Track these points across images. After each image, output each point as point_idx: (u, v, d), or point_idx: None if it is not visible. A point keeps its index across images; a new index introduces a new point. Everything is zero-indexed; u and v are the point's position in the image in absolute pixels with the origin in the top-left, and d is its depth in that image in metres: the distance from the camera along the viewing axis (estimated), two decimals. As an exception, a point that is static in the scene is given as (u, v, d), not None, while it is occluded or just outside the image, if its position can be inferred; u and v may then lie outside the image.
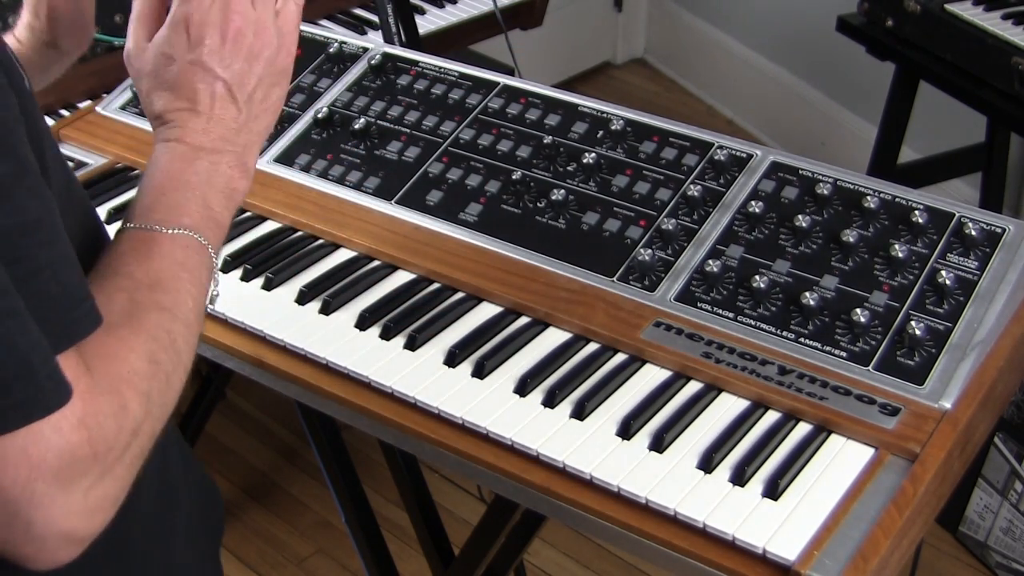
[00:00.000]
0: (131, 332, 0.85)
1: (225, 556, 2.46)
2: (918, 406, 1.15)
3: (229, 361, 1.35)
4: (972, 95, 2.26)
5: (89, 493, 0.78)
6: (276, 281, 1.39)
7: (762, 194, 1.36)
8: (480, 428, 1.17)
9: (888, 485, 1.08)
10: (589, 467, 1.11)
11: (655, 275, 1.31)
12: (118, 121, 1.71)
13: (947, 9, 2.27)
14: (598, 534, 1.12)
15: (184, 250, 0.93)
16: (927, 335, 1.19)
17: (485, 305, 1.35)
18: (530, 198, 1.43)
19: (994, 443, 2.27)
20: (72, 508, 0.77)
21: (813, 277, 1.27)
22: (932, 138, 3.01)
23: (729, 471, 1.10)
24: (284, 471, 2.69)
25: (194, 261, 0.94)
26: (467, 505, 2.50)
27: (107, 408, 0.80)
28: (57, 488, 0.76)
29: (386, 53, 1.67)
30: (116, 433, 0.80)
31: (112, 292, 0.87)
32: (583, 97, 1.53)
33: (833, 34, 2.58)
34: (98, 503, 0.79)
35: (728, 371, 1.20)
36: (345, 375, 1.26)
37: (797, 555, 1.01)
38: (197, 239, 0.94)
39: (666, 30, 4.31)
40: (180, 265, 0.92)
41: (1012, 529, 2.27)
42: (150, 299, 0.89)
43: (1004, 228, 1.28)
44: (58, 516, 0.76)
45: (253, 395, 2.87)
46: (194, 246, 0.94)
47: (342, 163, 1.54)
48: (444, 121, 1.55)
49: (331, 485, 1.94)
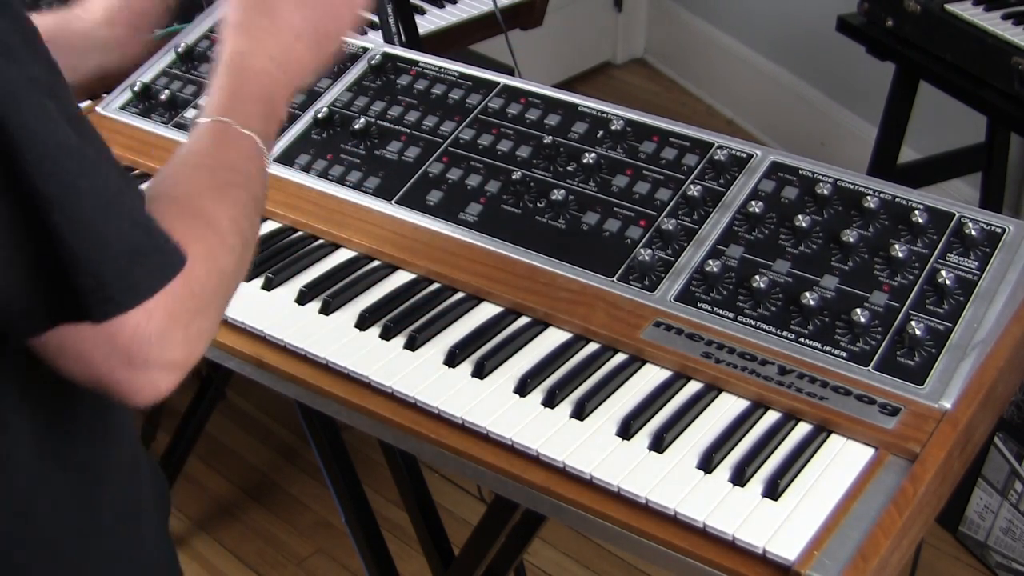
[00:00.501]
0: (216, 196, 0.98)
1: (225, 556, 2.46)
2: (918, 406, 1.15)
3: (229, 361, 1.35)
4: (972, 95, 2.26)
5: (189, 326, 0.89)
6: (276, 281, 1.39)
7: (762, 194, 1.36)
8: (480, 428, 1.17)
9: (888, 485, 1.08)
10: (589, 467, 1.11)
11: (655, 275, 1.31)
12: (118, 121, 1.71)
13: (947, 9, 2.27)
14: (598, 534, 1.12)
15: (252, 148, 1.06)
16: (927, 335, 1.19)
17: (485, 305, 1.35)
18: (530, 198, 1.43)
19: (994, 443, 2.27)
20: (178, 339, 0.88)
21: (813, 277, 1.27)
22: (932, 138, 3.00)
23: (729, 471, 1.10)
24: (284, 471, 2.69)
25: (260, 161, 1.07)
26: (467, 505, 2.50)
27: (199, 253, 0.90)
28: (169, 323, 0.87)
29: (386, 53, 1.67)
30: (207, 276, 0.91)
31: (198, 166, 1.01)
32: (583, 97, 1.53)
33: (833, 34, 2.57)
34: (197, 335, 0.90)
35: (728, 371, 1.20)
36: (345, 375, 1.26)
37: (797, 555, 1.01)
38: (262, 148, 1.07)
39: (666, 30, 4.31)
40: (249, 159, 1.05)
41: (1012, 529, 2.27)
42: (231, 177, 1.01)
43: (1004, 228, 1.28)
44: (168, 347, 0.87)
45: (253, 395, 2.87)
46: (259, 150, 1.07)
47: (342, 163, 1.54)
48: (444, 121, 1.55)
49: (331, 485, 1.94)
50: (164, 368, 0.88)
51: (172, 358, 0.88)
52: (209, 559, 2.46)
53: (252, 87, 1.09)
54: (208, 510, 2.58)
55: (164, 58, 1.79)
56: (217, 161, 1.02)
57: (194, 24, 1.84)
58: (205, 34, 1.81)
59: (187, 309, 0.89)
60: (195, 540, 2.51)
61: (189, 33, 1.82)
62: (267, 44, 1.12)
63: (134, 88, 1.74)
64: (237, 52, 1.11)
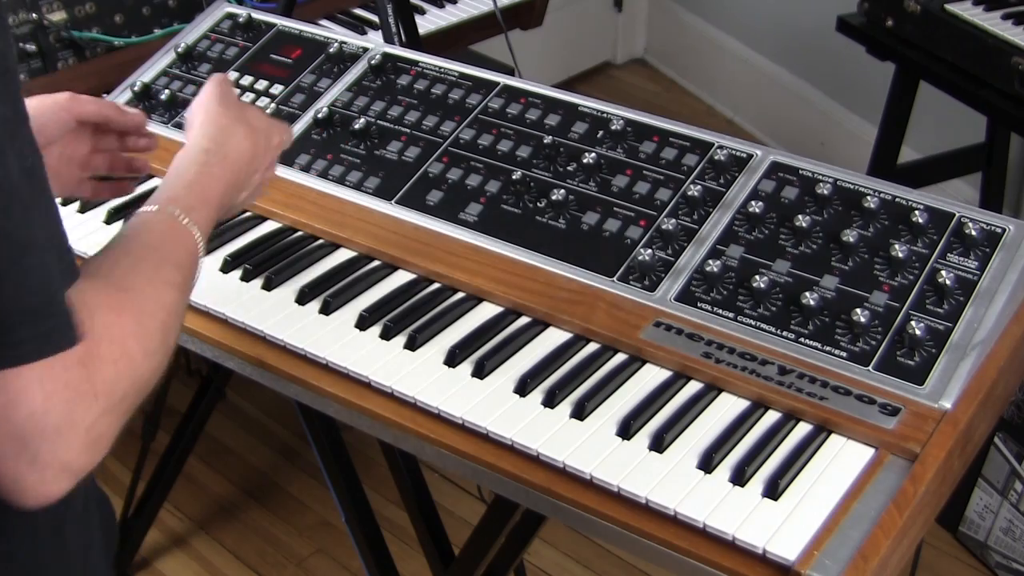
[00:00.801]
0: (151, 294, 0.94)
1: (225, 556, 2.46)
2: (918, 406, 1.15)
3: (229, 361, 1.35)
4: (972, 95, 2.26)
5: (90, 429, 0.83)
6: (276, 281, 1.39)
7: (762, 194, 1.36)
8: (480, 428, 1.17)
9: (888, 485, 1.08)
10: (589, 467, 1.11)
11: (655, 275, 1.31)
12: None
13: (947, 9, 2.27)
14: (598, 534, 1.12)
15: (194, 244, 1.06)
16: (927, 335, 1.19)
17: (485, 305, 1.35)
18: (530, 198, 1.43)
19: (994, 443, 2.27)
20: (74, 442, 0.82)
21: (813, 277, 1.27)
22: (932, 138, 3.00)
23: (729, 471, 1.10)
24: (284, 471, 2.69)
25: (195, 257, 1.06)
26: (467, 505, 2.50)
27: (109, 354, 0.85)
28: (64, 420, 0.82)
29: (386, 53, 1.67)
30: (116, 378, 0.86)
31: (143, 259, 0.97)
32: (583, 97, 1.53)
33: (833, 34, 2.57)
34: (96, 439, 0.84)
35: (728, 371, 1.20)
36: (345, 375, 1.26)
37: (797, 555, 1.01)
38: (199, 244, 1.06)
39: (666, 30, 4.31)
40: (190, 253, 1.04)
41: (1012, 529, 2.27)
42: (166, 272, 0.98)
43: (1004, 228, 1.28)
44: (61, 448, 0.82)
45: (253, 395, 2.87)
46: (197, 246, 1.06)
47: (342, 163, 1.54)
48: (444, 121, 1.55)
49: (331, 485, 1.94)
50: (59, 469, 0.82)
51: (68, 458, 0.83)
52: (209, 559, 2.46)
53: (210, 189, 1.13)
54: (208, 510, 2.58)
55: (164, 58, 1.79)
56: (163, 257, 1.00)
57: (194, 24, 1.84)
58: (205, 34, 1.81)
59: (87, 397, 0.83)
60: (195, 540, 2.51)
61: (189, 33, 1.82)
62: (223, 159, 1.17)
63: (134, 88, 1.74)
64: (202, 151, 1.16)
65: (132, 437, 2.62)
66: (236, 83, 1.71)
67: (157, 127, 1.68)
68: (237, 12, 1.82)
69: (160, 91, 1.73)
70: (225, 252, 1.44)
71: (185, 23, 2.03)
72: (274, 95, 1.68)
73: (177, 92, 1.72)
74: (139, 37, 2.15)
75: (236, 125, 1.21)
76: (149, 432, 2.38)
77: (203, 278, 1.40)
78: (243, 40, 1.78)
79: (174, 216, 1.05)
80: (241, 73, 1.73)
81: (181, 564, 2.45)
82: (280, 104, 1.65)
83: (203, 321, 1.36)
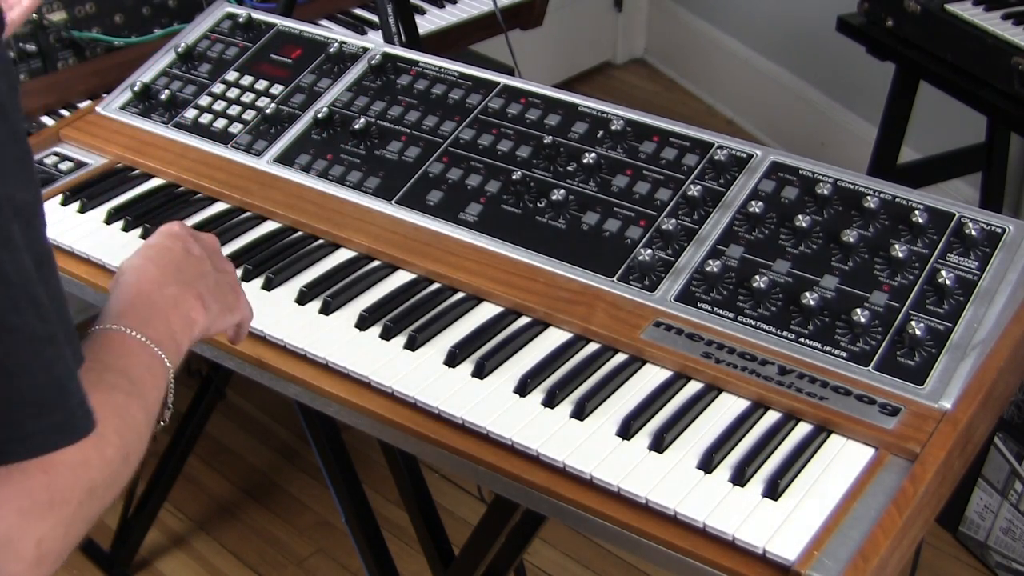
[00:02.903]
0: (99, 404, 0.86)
1: (225, 556, 2.46)
2: (918, 406, 1.15)
3: (229, 361, 1.35)
4: (972, 95, 2.26)
5: (41, 543, 0.78)
6: (276, 281, 1.39)
7: (762, 194, 1.36)
8: (480, 428, 1.17)
9: (888, 485, 1.08)
10: (589, 467, 1.11)
11: (655, 275, 1.31)
12: (118, 121, 1.71)
13: (947, 9, 2.27)
14: (598, 534, 1.12)
15: (151, 358, 0.98)
16: (927, 335, 1.19)
17: (485, 305, 1.35)
18: (530, 198, 1.43)
19: (994, 443, 2.27)
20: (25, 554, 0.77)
21: (813, 277, 1.27)
22: (932, 138, 3.00)
23: (729, 471, 1.10)
24: (284, 471, 2.69)
25: (157, 371, 0.98)
26: (467, 505, 2.50)
27: (69, 459, 0.81)
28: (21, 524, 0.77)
29: (386, 53, 1.67)
30: (73, 486, 0.81)
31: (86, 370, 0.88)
32: (583, 97, 1.53)
33: (833, 34, 2.57)
34: (46, 554, 0.79)
35: (728, 371, 1.20)
36: (345, 375, 1.26)
37: (797, 555, 1.01)
38: (161, 356, 0.99)
39: (666, 30, 4.31)
40: (147, 368, 0.97)
41: (1012, 529, 2.27)
42: (121, 384, 0.92)
43: (1004, 228, 1.28)
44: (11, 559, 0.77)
45: (253, 395, 2.87)
46: (157, 360, 0.99)
47: (342, 163, 1.54)
48: (444, 121, 1.55)
49: (331, 485, 1.93)
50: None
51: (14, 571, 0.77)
52: (209, 559, 2.46)
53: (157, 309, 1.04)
54: (208, 510, 2.58)
55: (164, 58, 1.79)
56: (105, 365, 0.94)
57: (194, 24, 1.84)
58: (205, 34, 1.81)
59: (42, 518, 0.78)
60: (195, 540, 2.50)
61: (189, 33, 1.82)
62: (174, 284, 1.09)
63: (134, 88, 1.74)
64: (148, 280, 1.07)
65: (132, 437, 2.62)
66: (236, 83, 1.71)
67: (157, 127, 1.68)
68: (237, 12, 1.82)
69: (160, 91, 1.73)
70: (225, 252, 1.43)
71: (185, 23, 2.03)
72: (274, 95, 1.68)
73: (177, 92, 1.72)
74: (139, 37, 2.15)
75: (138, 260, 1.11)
76: (149, 432, 2.38)
77: (203, 278, 1.40)
78: (243, 40, 1.78)
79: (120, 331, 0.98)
80: (241, 73, 1.73)
81: (181, 564, 2.45)
82: (280, 104, 1.65)
83: (203, 321, 1.36)
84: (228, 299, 1.14)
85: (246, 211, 1.54)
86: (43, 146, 1.71)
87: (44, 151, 1.70)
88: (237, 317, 1.15)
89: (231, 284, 1.16)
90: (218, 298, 1.12)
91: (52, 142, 1.72)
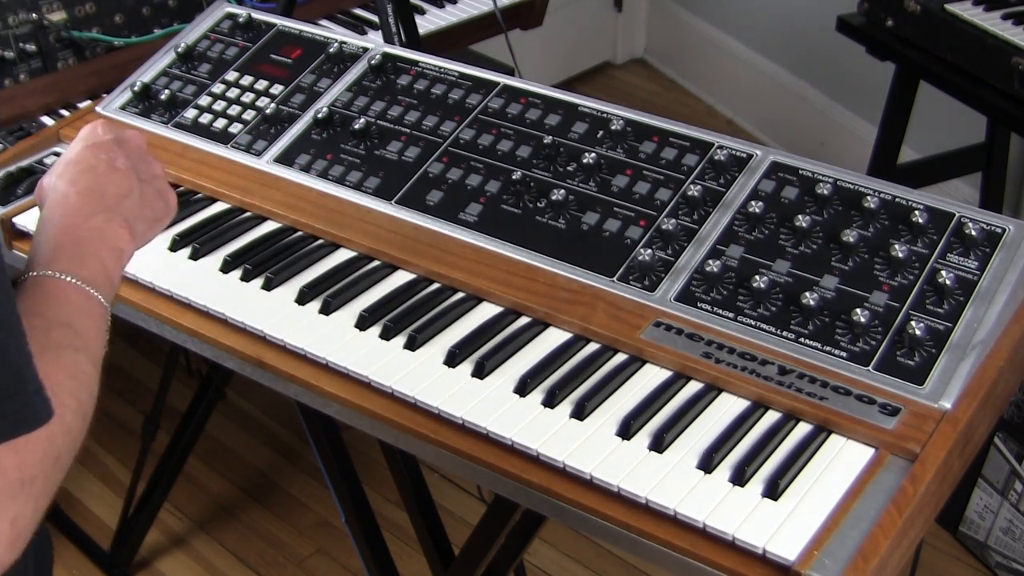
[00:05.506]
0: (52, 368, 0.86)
1: (225, 556, 2.46)
2: (918, 406, 1.15)
3: (229, 361, 1.35)
4: (972, 95, 2.26)
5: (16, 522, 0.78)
6: (276, 281, 1.39)
7: (762, 194, 1.36)
8: (480, 428, 1.17)
9: (888, 485, 1.08)
10: (589, 467, 1.11)
11: (655, 275, 1.31)
12: (118, 121, 1.71)
13: (947, 9, 2.27)
14: (598, 534, 1.12)
15: (88, 302, 0.97)
16: (927, 335, 1.19)
17: (485, 305, 1.35)
18: (530, 198, 1.43)
19: (994, 443, 2.27)
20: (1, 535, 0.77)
21: (813, 277, 1.27)
22: (932, 138, 3.00)
23: (729, 471, 1.10)
24: (284, 471, 2.69)
25: (97, 315, 0.98)
26: (467, 505, 2.50)
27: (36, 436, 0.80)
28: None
29: (386, 53, 1.67)
30: (41, 459, 0.80)
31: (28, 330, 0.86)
32: (583, 97, 1.53)
33: (833, 34, 2.57)
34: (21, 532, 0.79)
35: (728, 371, 1.20)
36: (345, 375, 1.26)
37: (797, 555, 1.01)
38: (95, 294, 0.98)
39: (666, 30, 4.31)
40: (87, 315, 0.96)
41: (1012, 529, 2.27)
42: (65, 339, 0.91)
43: (1004, 228, 1.28)
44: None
45: (253, 395, 2.87)
46: (95, 302, 0.98)
47: (342, 163, 1.54)
48: (444, 121, 1.55)
49: (331, 485, 1.94)
50: None
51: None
52: (209, 559, 2.46)
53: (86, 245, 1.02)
54: (208, 510, 2.58)
55: (164, 58, 1.79)
56: (48, 321, 0.92)
57: (194, 24, 1.84)
58: (205, 34, 1.81)
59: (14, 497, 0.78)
60: (195, 540, 2.51)
61: (189, 33, 1.82)
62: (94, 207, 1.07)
63: (134, 88, 1.74)
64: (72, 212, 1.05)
65: (132, 437, 2.63)
66: (236, 83, 1.71)
67: (157, 127, 1.68)
68: (237, 12, 1.82)
69: (160, 91, 1.73)
70: (225, 252, 1.44)
71: (185, 23, 2.03)
72: (274, 95, 1.68)
73: (177, 92, 1.72)
74: (139, 37, 2.15)
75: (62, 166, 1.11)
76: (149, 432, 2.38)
77: (203, 278, 1.41)
78: (243, 40, 1.78)
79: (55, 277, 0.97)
80: (241, 73, 1.73)
81: (181, 564, 2.45)
82: (280, 104, 1.65)
83: (203, 321, 1.36)
84: (156, 208, 1.13)
85: (246, 211, 1.54)
86: (43, 146, 1.71)
87: (44, 151, 1.70)
88: (165, 223, 1.15)
89: (158, 191, 1.14)
90: (144, 215, 1.11)
91: (52, 142, 1.72)
